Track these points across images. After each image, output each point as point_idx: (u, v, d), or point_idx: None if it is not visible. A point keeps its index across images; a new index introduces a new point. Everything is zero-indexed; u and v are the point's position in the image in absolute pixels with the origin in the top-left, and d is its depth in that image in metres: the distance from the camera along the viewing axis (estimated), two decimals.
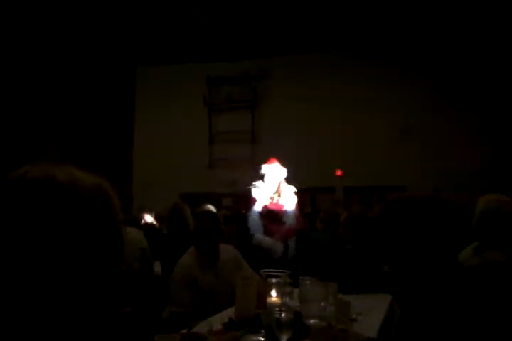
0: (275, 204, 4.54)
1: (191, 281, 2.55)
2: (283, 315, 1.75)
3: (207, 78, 10.72)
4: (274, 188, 4.53)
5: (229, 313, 2.23)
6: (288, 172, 4.69)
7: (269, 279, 2.25)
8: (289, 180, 4.71)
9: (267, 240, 4.26)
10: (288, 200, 4.57)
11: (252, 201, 4.58)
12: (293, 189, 4.65)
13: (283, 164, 4.71)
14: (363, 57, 9.92)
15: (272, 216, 4.45)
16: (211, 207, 5.15)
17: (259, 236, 4.31)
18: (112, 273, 0.72)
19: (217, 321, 2.11)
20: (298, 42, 9.61)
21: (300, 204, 4.77)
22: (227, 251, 2.79)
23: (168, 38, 9.36)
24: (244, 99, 10.70)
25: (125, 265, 3.75)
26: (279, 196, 4.55)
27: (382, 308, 2.55)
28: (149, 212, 7.26)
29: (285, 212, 4.47)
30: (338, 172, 10.15)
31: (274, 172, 4.59)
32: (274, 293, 2.14)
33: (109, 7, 8.10)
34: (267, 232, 4.37)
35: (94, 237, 0.69)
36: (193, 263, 2.62)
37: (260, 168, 4.69)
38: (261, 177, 4.62)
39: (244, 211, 5.03)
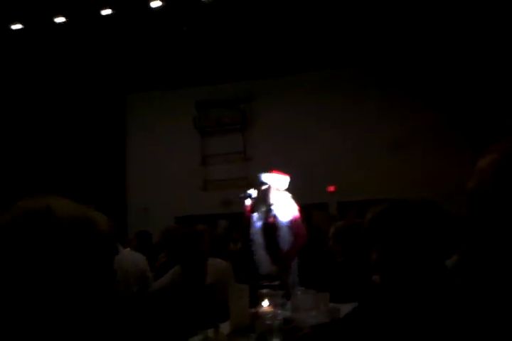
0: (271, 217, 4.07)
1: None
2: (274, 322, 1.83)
3: (196, 102, 10.89)
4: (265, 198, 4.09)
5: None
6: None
7: (260, 290, 2.33)
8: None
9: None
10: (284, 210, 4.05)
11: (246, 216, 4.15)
12: (287, 195, 4.14)
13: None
14: (352, 77, 10.15)
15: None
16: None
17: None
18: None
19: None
20: (284, 63, 9.83)
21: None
22: (213, 266, 2.83)
23: (156, 64, 9.56)
24: (234, 121, 10.88)
25: (123, 286, 3.82)
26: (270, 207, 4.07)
27: None
28: None
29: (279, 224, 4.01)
30: (331, 189, 10.26)
31: (275, 181, 4.11)
32: (265, 303, 2.21)
33: (98, 38, 8.32)
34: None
35: (77, 259, 0.82)
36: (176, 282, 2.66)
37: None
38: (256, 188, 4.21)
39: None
